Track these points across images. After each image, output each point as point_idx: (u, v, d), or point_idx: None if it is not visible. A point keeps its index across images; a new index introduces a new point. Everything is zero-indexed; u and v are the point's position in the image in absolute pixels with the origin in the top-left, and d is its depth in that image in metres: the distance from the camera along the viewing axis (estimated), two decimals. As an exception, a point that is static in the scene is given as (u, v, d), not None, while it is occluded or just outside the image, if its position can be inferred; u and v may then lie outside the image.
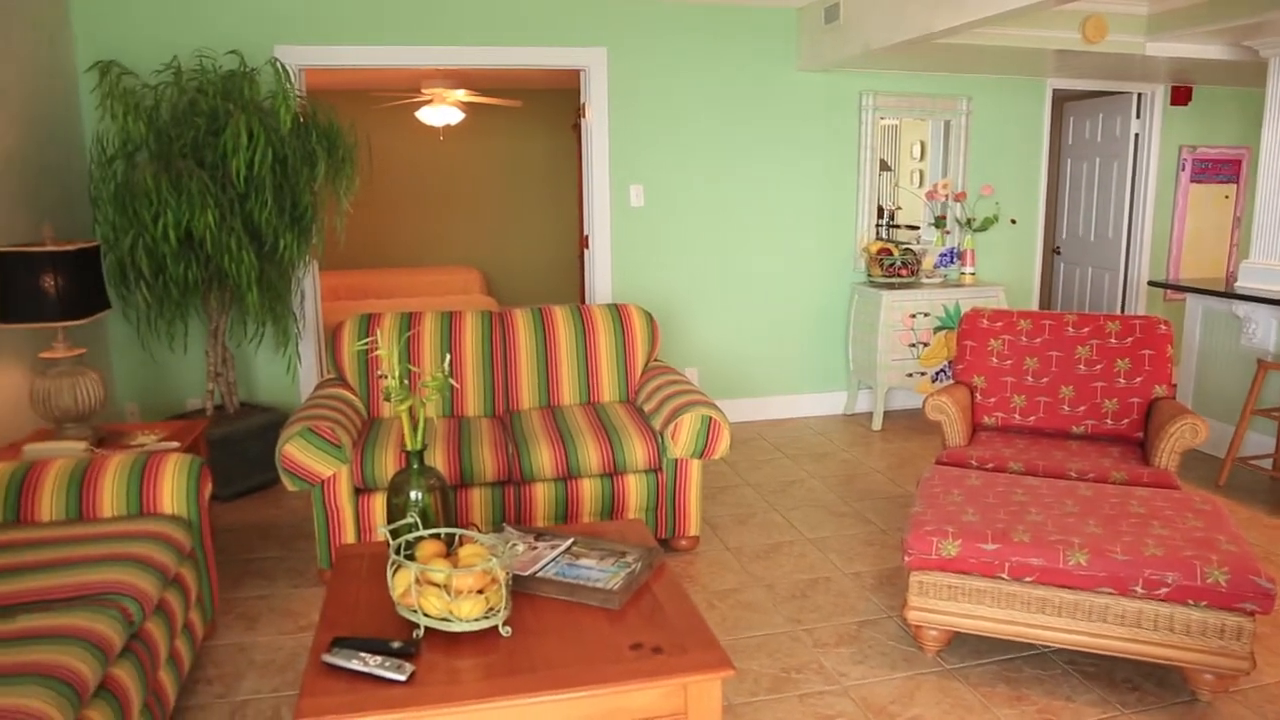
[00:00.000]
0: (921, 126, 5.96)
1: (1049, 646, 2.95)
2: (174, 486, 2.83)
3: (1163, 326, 3.77)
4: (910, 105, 5.66)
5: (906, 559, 2.76)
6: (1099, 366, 3.79)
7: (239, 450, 4.36)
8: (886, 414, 5.81)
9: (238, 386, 4.78)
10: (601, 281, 5.34)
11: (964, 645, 2.99)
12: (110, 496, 2.79)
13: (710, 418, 3.53)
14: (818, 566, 3.60)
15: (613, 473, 3.56)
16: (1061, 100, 6.91)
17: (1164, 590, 2.52)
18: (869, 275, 5.68)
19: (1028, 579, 2.65)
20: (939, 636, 2.87)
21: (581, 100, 5.29)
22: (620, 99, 5.21)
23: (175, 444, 3.43)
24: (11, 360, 3.74)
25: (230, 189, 4.13)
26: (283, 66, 4.45)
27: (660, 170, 5.33)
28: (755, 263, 5.57)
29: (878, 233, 5.85)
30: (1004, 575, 2.67)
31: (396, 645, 1.99)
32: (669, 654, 2.02)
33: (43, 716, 1.80)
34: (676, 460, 3.59)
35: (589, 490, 3.54)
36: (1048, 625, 2.69)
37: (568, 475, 3.51)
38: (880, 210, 5.91)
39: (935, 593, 2.78)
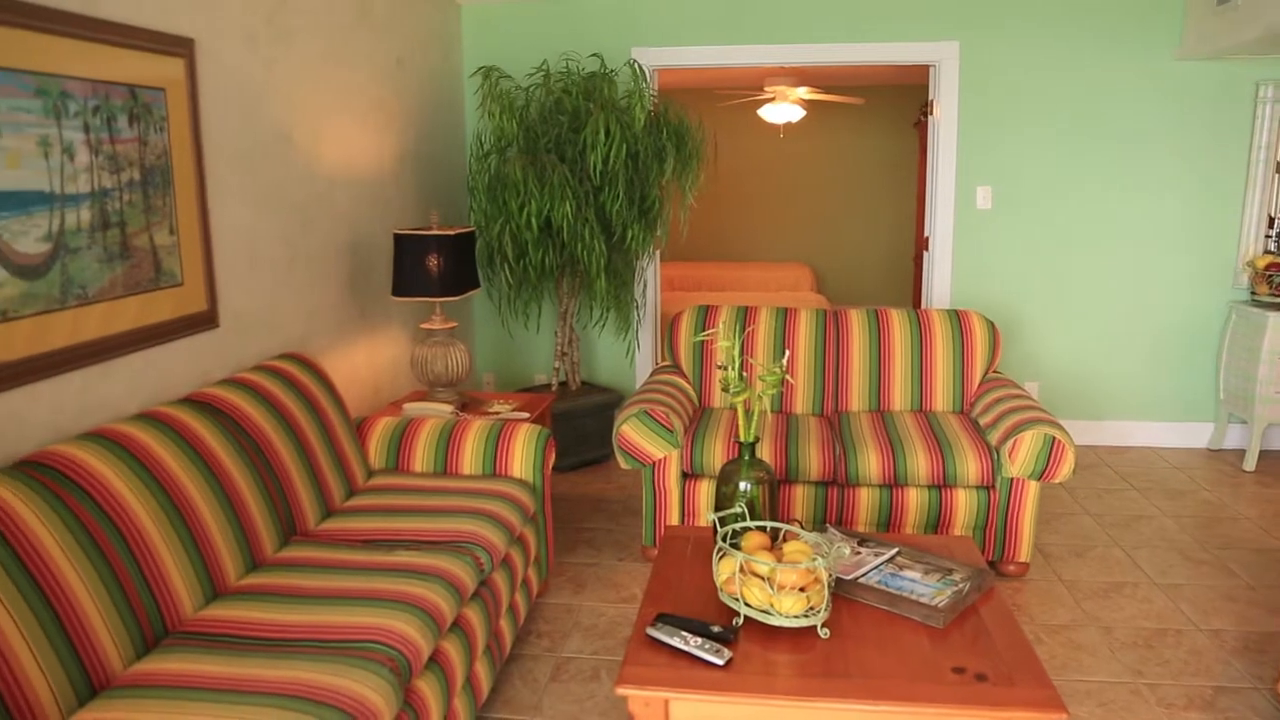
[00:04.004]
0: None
1: None
2: (523, 453, 3.10)
3: None
4: (1325, 100, 4.88)
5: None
6: None
7: (578, 425, 4.69)
8: (1263, 454, 5.09)
9: (580, 366, 5.13)
10: (940, 285, 5.13)
11: (1354, 732, 2.56)
12: (470, 456, 3.11)
13: (1054, 438, 3.28)
14: (1166, 616, 3.23)
15: (941, 485, 3.41)
16: None
17: None
18: (1253, 293, 4.98)
19: None
20: (1322, 716, 2.48)
21: (929, 97, 5.10)
22: (970, 95, 4.97)
23: (526, 414, 3.74)
24: (398, 328, 4.28)
25: (587, 182, 4.43)
26: (639, 67, 4.69)
27: (1010, 170, 5.02)
28: (1110, 273, 5.08)
29: (1266, 245, 5.12)
30: None
31: (716, 629, 2.04)
32: (994, 684, 1.91)
33: (413, 640, 2.04)
34: (1012, 479, 3.37)
35: (915, 500, 3.43)
36: None
37: (894, 482, 3.41)
38: (1271, 220, 5.17)
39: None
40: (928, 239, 5.19)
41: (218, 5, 2.87)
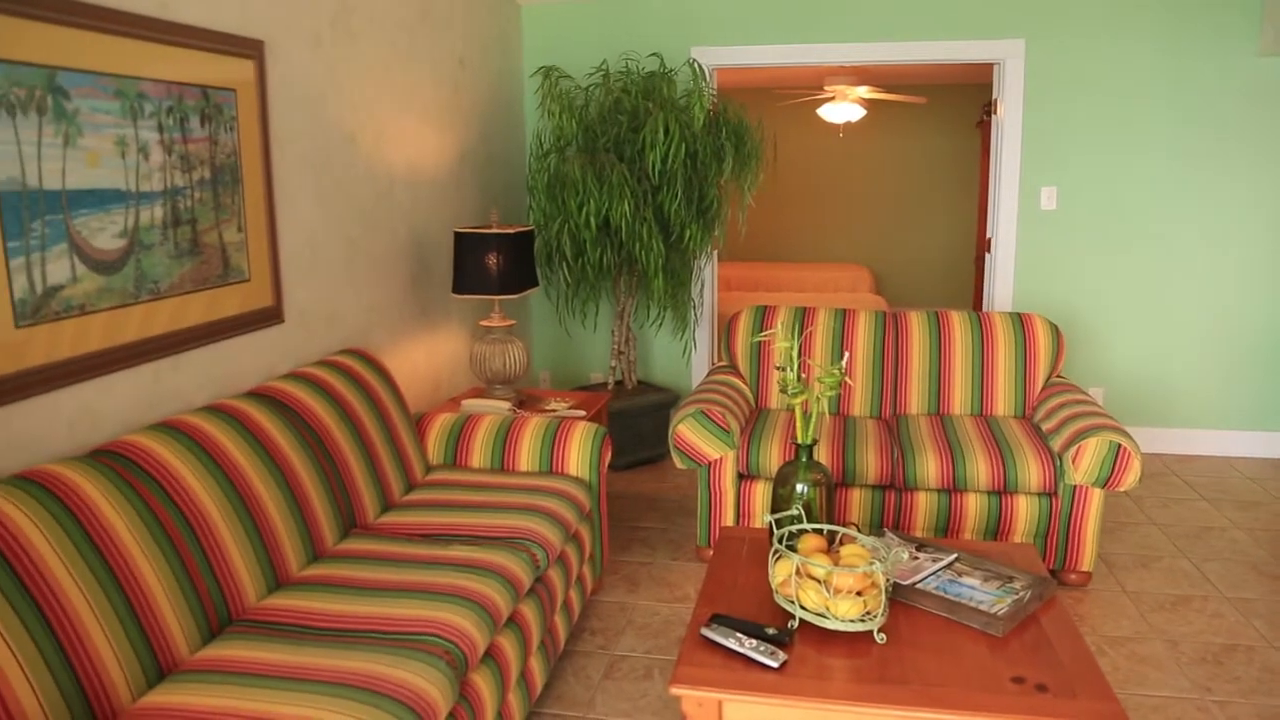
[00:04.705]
0: None
1: None
2: (580, 451, 3.12)
3: None
4: None
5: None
6: None
7: (633, 424, 4.70)
8: (1343, 464, 4.91)
9: (637, 365, 5.14)
10: (1002, 287, 5.04)
11: None
12: (527, 453, 3.13)
13: (1119, 445, 3.20)
14: (1238, 632, 3.14)
15: (1002, 491, 3.35)
16: None
17: None
18: (1334, 299, 4.81)
19: None
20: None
21: (993, 96, 5.02)
22: (1036, 93, 4.87)
23: (582, 412, 3.76)
24: (457, 325, 4.33)
25: (645, 181, 4.44)
26: (698, 66, 4.68)
27: (1076, 171, 4.91)
28: (1181, 275, 4.95)
29: (1351, 249, 4.94)
30: None
31: (771, 631, 2.03)
32: (1055, 695, 1.87)
33: (469, 633, 2.07)
34: (1075, 487, 3.30)
35: (974, 506, 3.37)
36: None
37: (953, 487, 3.36)
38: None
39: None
40: (989, 240, 5.10)
41: (286, 8, 2.93)
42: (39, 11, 1.99)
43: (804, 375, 3.90)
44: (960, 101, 8.79)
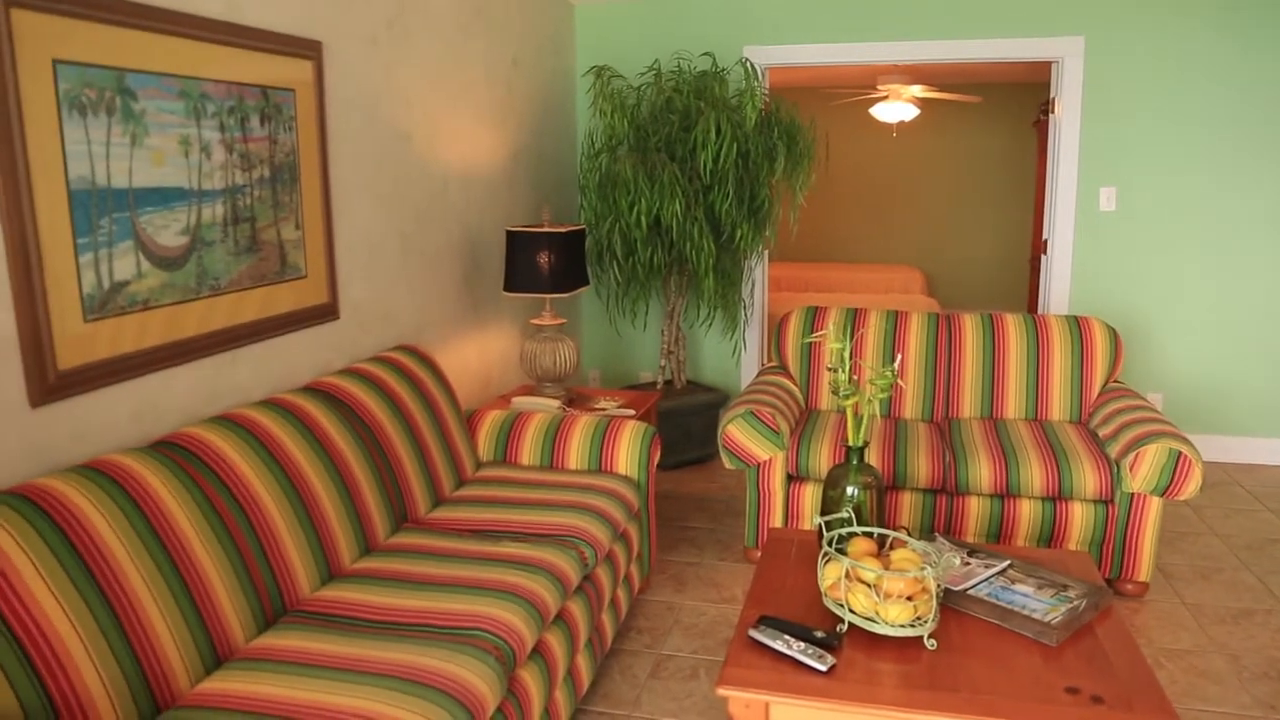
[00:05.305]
0: None
1: None
2: (629, 450, 3.12)
3: None
4: None
5: None
6: None
7: (682, 424, 4.70)
8: None
9: (686, 365, 5.14)
10: (1058, 290, 4.95)
11: None
12: (577, 451, 3.15)
13: (1180, 452, 3.12)
14: (1304, 644, 3.05)
15: (1056, 497, 3.29)
16: None
17: None
18: None
19: None
20: None
21: (1051, 94, 4.92)
22: (1096, 92, 4.77)
23: (631, 411, 3.77)
24: (508, 323, 4.36)
25: (696, 181, 4.43)
26: (751, 66, 4.66)
27: (1137, 171, 4.80)
28: (1246, 278, 4.81)
29: None
30: None
31: (820, 634, 2.02)
32: (1111, 707, 1.83)
33: (517, 629, 2.08)
34: (1132, 495, 3.23)
35: (1027, 512, 3.32)
36: None
37: (1006, 493, 3.31)
38: None
39: None
40: (1046, 242, 5.01)
41: (343, 9, 2.98)
42: (111, 16, 2.04)
43: (856, 377, 3.86)
44: (1016, 100, 8.65)
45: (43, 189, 1.91)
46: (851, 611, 2.04)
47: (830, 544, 2.23)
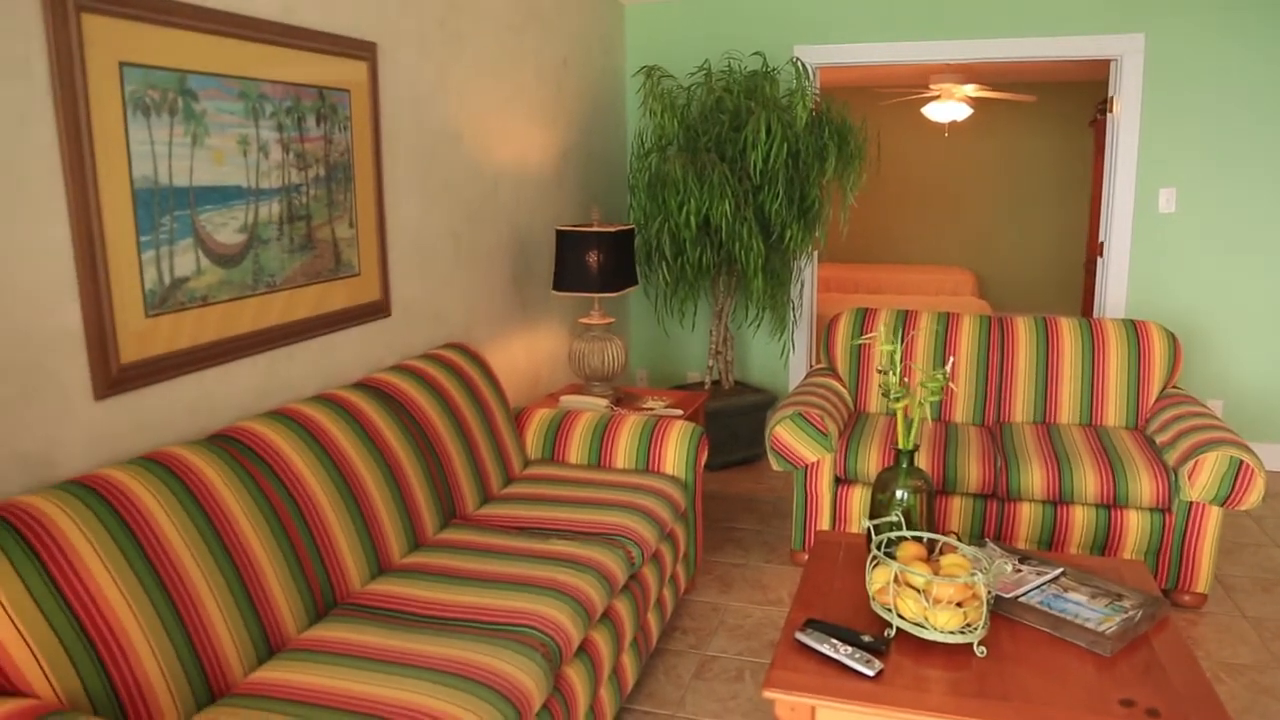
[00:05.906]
0: None
1: None
2: (676, 450, 3.12)
3: None
4: None
5: None
6: None
7: (729, 425, 4.68)
8: None
9: (734, 366, 5.12)
10: (1115, 293, 4.85)
11: None
12: (624, 451, 3.15)
13: (1241, 461, 3.04)
14: (1370, 660, 2.95)
15: (1111, 505, 3.23)
16: None
17: None
18: None
19: None
20: None
21: (1109, 94, 4.83)
22: (1156, 91, 4.66)
23: (679, 411, 3.76)
24: (557, 322, 4.38)
25: (746, 181, 4.42)
26: (801, 65, 4.63)
27: (1197, 172, 4.68)
28: (1317, 285, 4.68)
29: None
30: None
31: (867, 639, 2.00)
32: None
33: (564, 627, 2.09)
34: (1190, 503, 3.15)
35: (1081, 519, 3.25)
36: None
37: (1059, 499, 3.25)
38: None
39: None
40: (1102, 244, 4.91)
41: (397, 10, 3.01)
42: (174, 19, 2.09)
43: (906, 379, 3.82)
44: (1070, 99, 8.49)
45: (108, 188, 1.96)
46: (900, 617, 2.02)
47: (879, 548, 2.21)
